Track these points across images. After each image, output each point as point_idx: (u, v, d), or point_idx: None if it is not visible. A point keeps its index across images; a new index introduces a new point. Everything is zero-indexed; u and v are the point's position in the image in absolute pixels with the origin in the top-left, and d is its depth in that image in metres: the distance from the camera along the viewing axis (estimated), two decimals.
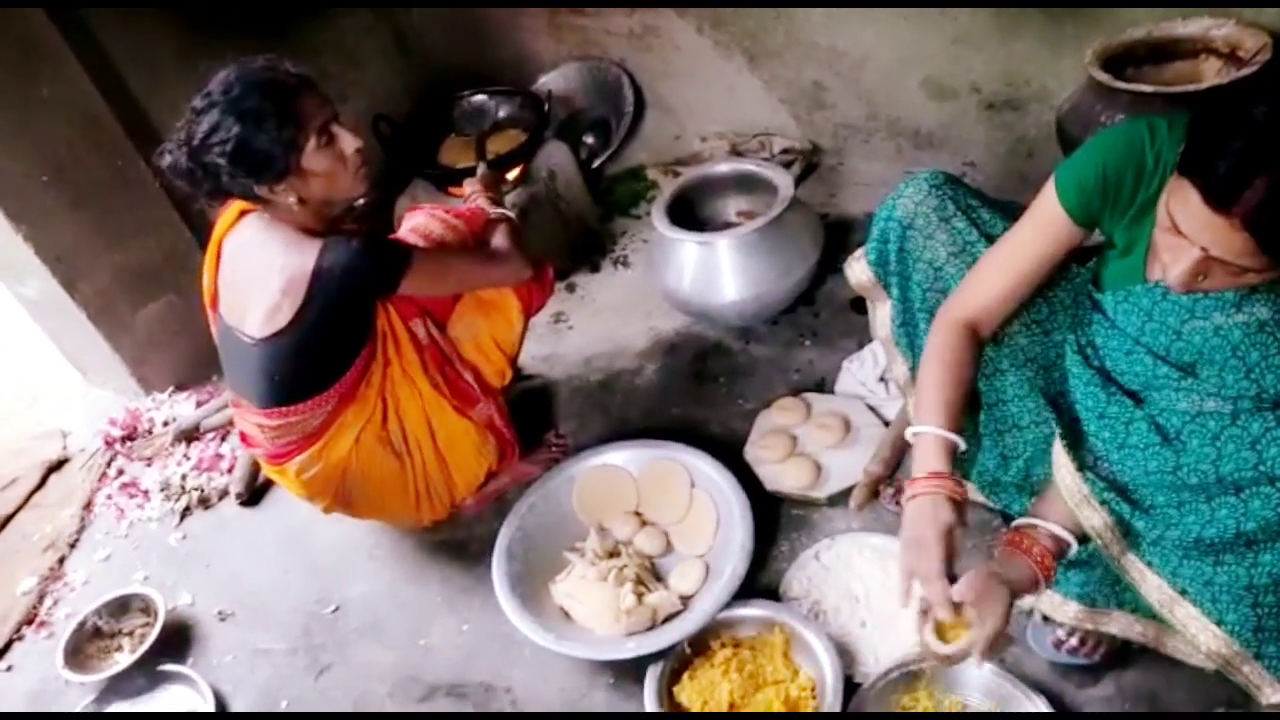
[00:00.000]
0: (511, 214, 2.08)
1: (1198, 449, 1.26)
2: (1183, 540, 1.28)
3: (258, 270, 1.73)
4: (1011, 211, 1.54)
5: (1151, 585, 1.34)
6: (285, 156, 1.63)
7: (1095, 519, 1.34)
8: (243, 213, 1.81)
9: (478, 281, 1.99)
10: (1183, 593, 1.32)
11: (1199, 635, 1.32)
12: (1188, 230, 1.12)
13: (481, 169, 2.32)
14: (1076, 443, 1.43)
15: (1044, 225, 1.38)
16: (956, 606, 1.28)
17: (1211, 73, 2.12)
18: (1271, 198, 1.03)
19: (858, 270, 1.72)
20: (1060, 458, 1.41)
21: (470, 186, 2.20)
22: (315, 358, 1.77)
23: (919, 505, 1.34)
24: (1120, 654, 1.60)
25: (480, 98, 3.05)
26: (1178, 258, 1.16)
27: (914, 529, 1.34)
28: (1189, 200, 1.10)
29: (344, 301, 1.72)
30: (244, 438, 1.97)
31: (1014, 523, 1.42)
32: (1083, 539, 1.38)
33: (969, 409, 1.61)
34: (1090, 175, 1.31)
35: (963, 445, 1.40)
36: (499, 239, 1.98)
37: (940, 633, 1.32)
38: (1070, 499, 1.37)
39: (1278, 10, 2.04)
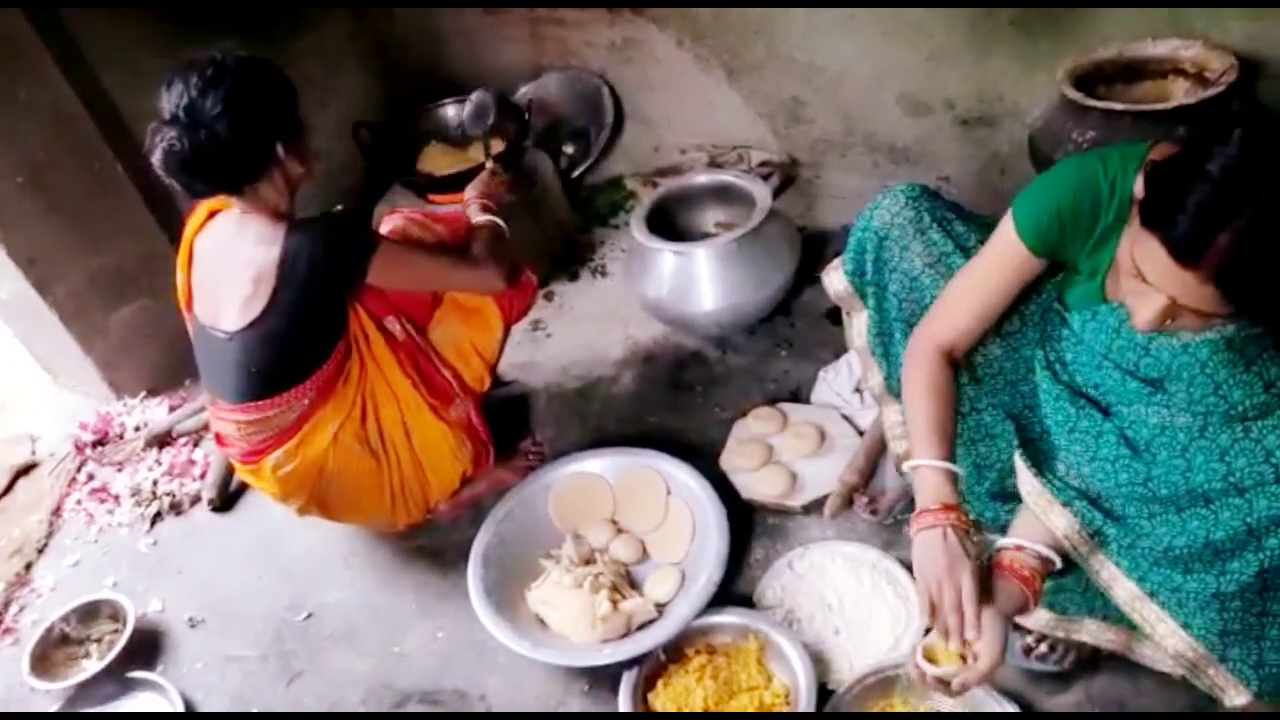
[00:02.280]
0: (500, 222, 2.06)
1: (1167, 460, 1.28)
2: (1153, 549, 1.30)
3: (230, 266, 1.74)
4: (987, 224, 1.56)
5: (1120, 585, 1.36)
6: (296, 113, 1.72)
7: (1061, 521, 1.36)
8: (212, 213, 1.82)
9: (447, 283, 1.97)
10: (1151, 594, 1.34)
11: (1165, 637, 1.34)
12: (1154, 280, 1.13)
13: (490, 165, 2.29)
14: (1047, 455, 1.45)
15: (1005, 259, 1.40)
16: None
17: (1179, 92, 2.16)
18: (1238, 252, 1.03)
19: (835, 280, 1.74)
20: (1019, 465, 1.43)
21: (470, 191, 2.16)
22: (289, 348, 1.76)
23: (934, 537, 1.34)
24: (1089, 661, 1.62)
25: (481, 95, 3.00)
26: (1144, 303, 1.16)
27: (935, 559, 1.33)
28: (1154, 253, 1.10)
29: (312, 285, 1.72)
30: (219, 438, 1.95)
31: (998, 543, 1.43)
32: (1064, 553, 1.39)
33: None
34: (1046, 211, 1.33)
35: (961, 473, 1.42)
36: (477, 246, 1.98)
37: (929, 656, 1.33)
38: (1035, 506, 1.39)
39: (1244, 33, 2.09)
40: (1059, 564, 1.38)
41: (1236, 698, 1.33)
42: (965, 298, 1.46)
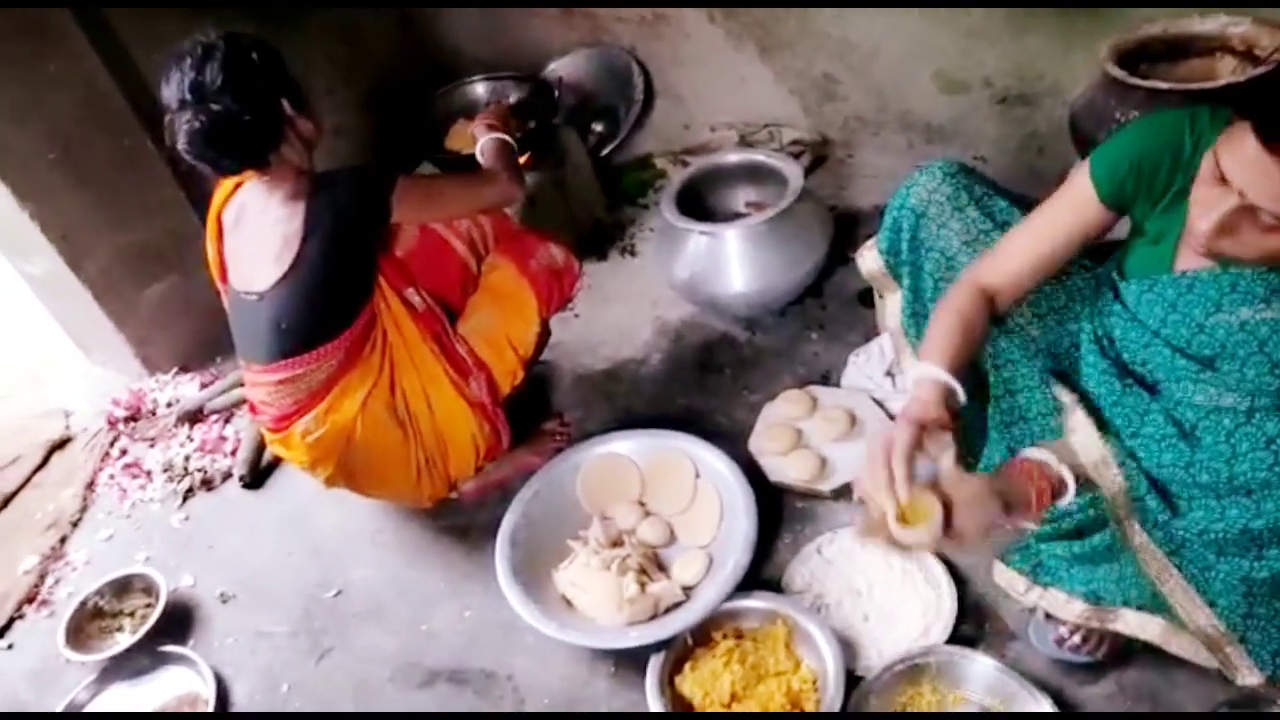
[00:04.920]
0: (505, 137, 2.09)
1: (1212, 445, 1.26)
2: (1188, 529, 1.28)
3: (260, 229, 1.77)
4: (1026, 203, 1.54)
5: (1150, 553, 1.34)
6: (289, 74, 1.74)
7: (1112, 484, 1.32)
8: (237, 185, 1.84)
9: (471, 202, 2.00)
10: (1179, 569, 1.32)
11: (1190, 612, 1.33)
12: (1231, 172, 1.12)
13: (496, 106, 2.28)
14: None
15: (1074, 205, 1.37)
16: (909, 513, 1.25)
17: (1227, 70, 2.10)
18: None
19: (869, 259, 1.71)
20: (1080, 418, 1.37)
21: (479, 118, 2.18)
22: (318, 301, 1.78)
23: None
24: (1122, 652, 1.59)
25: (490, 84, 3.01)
26: (1211, 208, 1.15)
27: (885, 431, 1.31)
28: (1242, 141, 1.10)
29: (338, 230, 1.75)
30: (252, 407, 1.97)
31: (1023, 453, 1.37)
32: (1082, 488, 1.34)
33: (978, 402, 1.62)
34: (1126, 159, 1.30)
35: (961, 395, 1.36)
36: (487, 159, 2.03)
37: (905, 513, 1.25)
38: (1087, 459, 1.34)
39: None
40: (1071, 491, 1.31)
41: (1249, 678, 1.34)
42: (1026, 242, 1.42)
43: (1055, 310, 1.49)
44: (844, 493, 1.98)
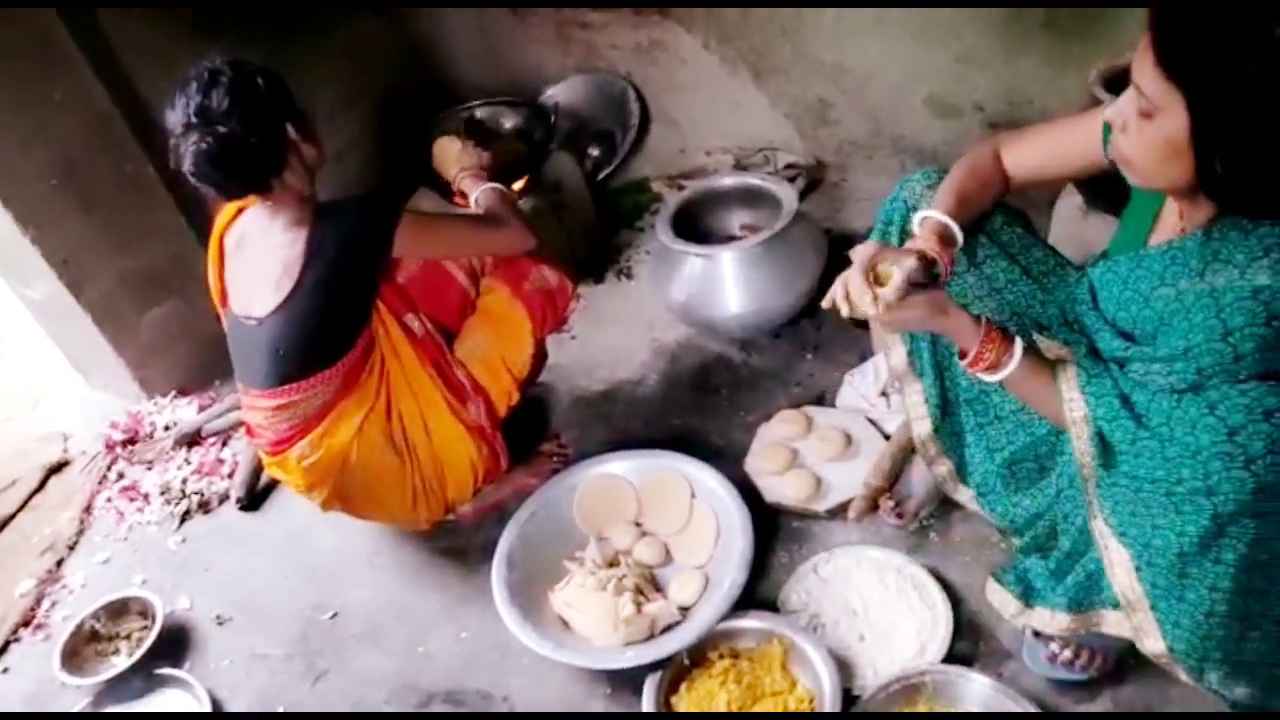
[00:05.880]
0: (498, 185, 2.10)
1: (1136, 410, 1.30)
2: (1104, 480, 1.34)
3: (261, 255, 1.79)
4: (1015, 211, 1.60)
5: (1098, 517, 1.38)
6: (294, 99, 1.75)
7: (1083, 439, 1.35)
8: (239, 210, 1.86)
9: (477, 244, 2.03)
10: (1113, 529, 1.36)
11: (1118, 571, 1.36)
12: (1133, 66, 1.17)
13: (450, 136, 2.25)
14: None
15: (1084, 134, 1.45)
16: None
17: None
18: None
19: None
20: (1072, 374, 1.39)
21: (453, 169, 2.16)
22: (317, 329, 1.79)
23: None
24: (1116, 670, 1.60)
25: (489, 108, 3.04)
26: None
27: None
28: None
29: (340, 260, 1.76)
30: (249, 430, 1.98)
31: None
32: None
33: (962, 412, 1.67)
34: None
35: (959, 237, 1.49)
36: (492, 209, 2.02)
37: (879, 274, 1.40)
38: (1071, 415, 1.37)
39: None
40: (1011, 365, 1.38)
41: (1151, 645, 1.38)
42: (1037, 139, 1.55)
43: (1027, 295, 1.58)
44: (839, 512, 1.98)
